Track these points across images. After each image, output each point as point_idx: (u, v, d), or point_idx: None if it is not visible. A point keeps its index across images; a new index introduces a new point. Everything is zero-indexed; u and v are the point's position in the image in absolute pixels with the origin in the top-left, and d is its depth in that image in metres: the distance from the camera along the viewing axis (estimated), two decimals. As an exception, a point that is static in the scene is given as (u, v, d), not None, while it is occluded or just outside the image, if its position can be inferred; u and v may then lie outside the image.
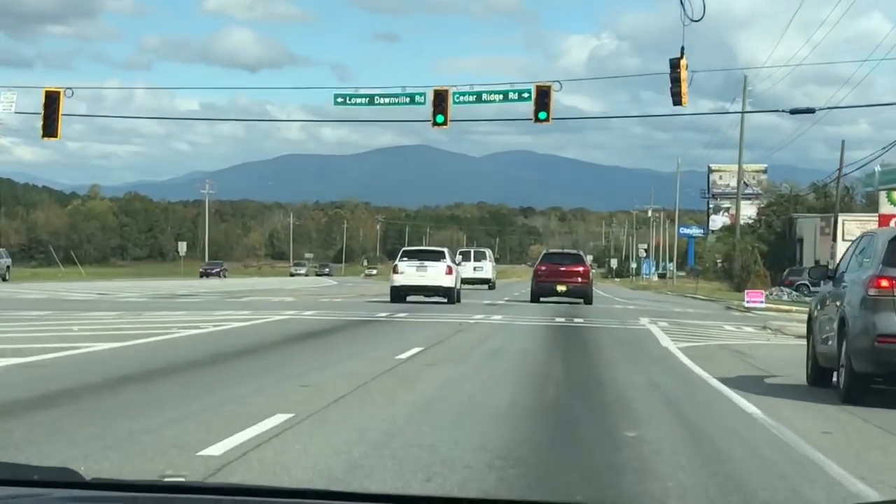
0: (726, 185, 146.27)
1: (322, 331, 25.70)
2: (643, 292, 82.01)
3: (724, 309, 50.37)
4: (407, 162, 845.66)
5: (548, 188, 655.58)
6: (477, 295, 58.50)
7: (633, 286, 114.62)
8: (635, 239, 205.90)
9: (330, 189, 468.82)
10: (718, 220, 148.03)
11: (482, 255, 78.89)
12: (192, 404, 12.80)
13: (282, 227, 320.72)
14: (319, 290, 65.84)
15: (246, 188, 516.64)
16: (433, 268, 46.11)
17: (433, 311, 36.58)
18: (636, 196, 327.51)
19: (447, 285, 45.99)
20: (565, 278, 49.49)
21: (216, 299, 46.85)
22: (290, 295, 53.29)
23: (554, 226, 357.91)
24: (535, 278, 51.33)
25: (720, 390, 15.87)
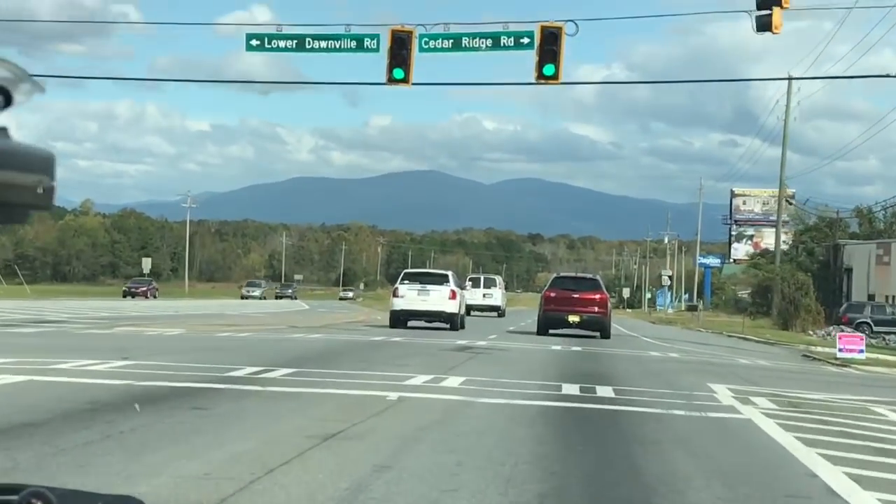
0: (750, 211, 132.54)
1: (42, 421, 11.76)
2: (669, 328, 68.01)
3: (800, 358, 36.44)
4: (417, 187, 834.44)
5: (557, 216, 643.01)
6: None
7: (653, 319, 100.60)
8: (648, 268, 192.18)
9: (339, 212, 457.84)
10: (741, 249, 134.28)
11: (492, 281, 76.25)
12: None
13: (283, 248, 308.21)
14: (251, 318, 51.44)
15: (255, 209, 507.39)
16: (436, 292, 43.16)
17: (341, 367, 21.18)
18: (646, 226, 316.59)
19: (450, 311, 43.08)
20: (579, 307, 41.57)
21: (74, 330, 32.68)
22: (185, 325, 38.80)
23: (562, 253, 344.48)
24: (543, 306, 42.86)
25: None
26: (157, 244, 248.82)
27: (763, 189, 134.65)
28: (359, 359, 22.79)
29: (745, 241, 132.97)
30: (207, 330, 35.21)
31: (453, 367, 21.55)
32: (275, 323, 45.29)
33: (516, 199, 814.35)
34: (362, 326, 44.55)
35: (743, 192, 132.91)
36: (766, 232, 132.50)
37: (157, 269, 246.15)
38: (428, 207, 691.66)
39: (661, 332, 58.27)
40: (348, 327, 42.52)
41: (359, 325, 45.83)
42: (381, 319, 57.35)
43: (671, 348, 36.62)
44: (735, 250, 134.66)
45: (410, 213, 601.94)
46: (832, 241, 79.77)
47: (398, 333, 36.60)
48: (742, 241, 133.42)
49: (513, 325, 54.12)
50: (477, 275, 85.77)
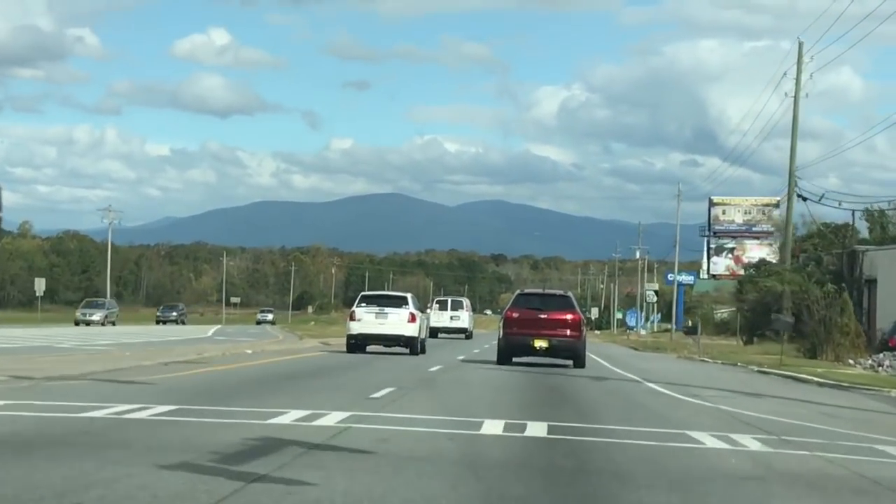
0: (731, 222, 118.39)
1: None
2: (662, 358, 53.22)
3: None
4: (380, 210, 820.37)
5: (520, 238, 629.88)
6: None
7: (632, 343, 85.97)
8: (617, 286, 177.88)
9: (302, 236, 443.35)
10: (721, 263, 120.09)
11: (459, 304, 75.53)
12: None
13: (237, 271, 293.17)
14: (101, 352, 36.40)
15: (217, 234, 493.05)
16: (394, 315, 41.76)
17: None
18: (611, 245, 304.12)
19: (409, 334, 41.71)
20: (547, 330, 35.37)
21: None
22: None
23: (526, 273, 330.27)
24: (504, 329, 36.16)
25: None
26: (100, 268, 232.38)
27: (744, 198, 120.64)
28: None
29: (726, 254, 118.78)
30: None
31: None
32: (119, 362, 29.75)
33: (480, 221, 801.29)
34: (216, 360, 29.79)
35: (722, 200, 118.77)
36: (749, 244, 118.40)
37: (101, 294, 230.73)
38: (391, 230, 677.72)
39: (657, 365, 43.30)
40: (168, 370, 27.17)
41: (216, 359, 32.10)
42: (282, 352, 42.87)
43: (718, 412, 20.95)
44: (714, 265, 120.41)
45: (374, 236, 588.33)
46: (846, 248, 65.07)
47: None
48: (722, 254, 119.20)
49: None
50: (444, 297, 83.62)
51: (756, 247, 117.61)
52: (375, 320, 41.67)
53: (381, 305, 42.48)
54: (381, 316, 41.72)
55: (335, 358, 37.23)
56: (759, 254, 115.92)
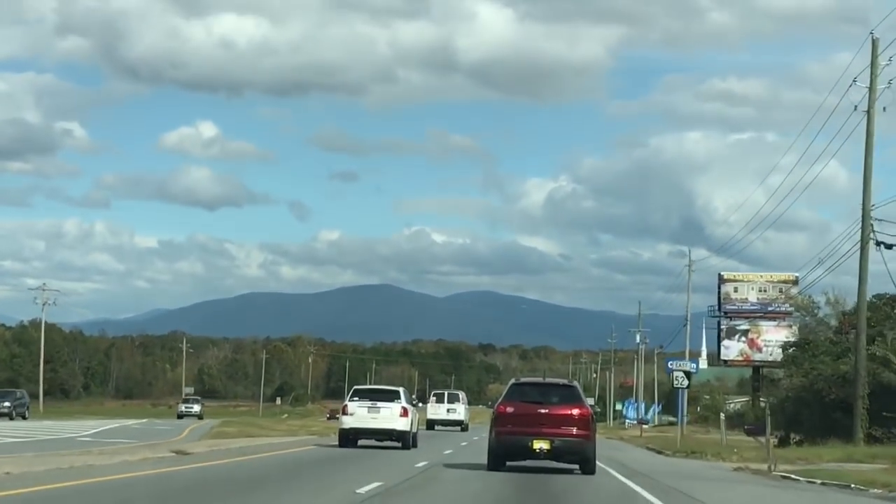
0: (743, 301, 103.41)
1: None
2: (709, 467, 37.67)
3: None
4: (369, 301, 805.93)
5: (510, 328, 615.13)
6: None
7: (645, 441, 70.55)
8: (613, 375, 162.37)
9: (291, 327, 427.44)
10: (734, 348, 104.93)
11: (456, 397, 76.85)
12: None
13: (215, 362, 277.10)
14: None
15: (207, 325, 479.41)
16: (386, 409, 41.47)
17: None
18: (599, 337, 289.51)
19: (401, 428, 41.36)
20: (549, 427, 28.97)
21: None
22: None
23: (515, 363, 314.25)
24: (496, 426, 29.62)
25: None
26: (66, 358, 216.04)
27: (758, 273, 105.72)
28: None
29: (739, 337, 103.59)
30: None
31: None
32: None
33: (469, 312, 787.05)
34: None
35: (733, 276, 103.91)
36: (765, 326, 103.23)
37: (66, 386, 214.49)
38: (381, 321, 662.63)
39: (739, 493, 26.99)
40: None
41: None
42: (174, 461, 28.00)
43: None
44: (726, 349, 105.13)
45: (363, 327, 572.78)
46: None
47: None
48: (734, 337, 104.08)
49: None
50: (441, 391, 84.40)
51: (773, 329, 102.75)
52: (368, 414, 41.52)
53: (373, 399, 42.21)
54: (374, 410, 41.58)
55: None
56: (776, 337, 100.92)
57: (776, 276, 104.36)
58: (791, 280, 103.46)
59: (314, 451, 38.32)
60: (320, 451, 38.16)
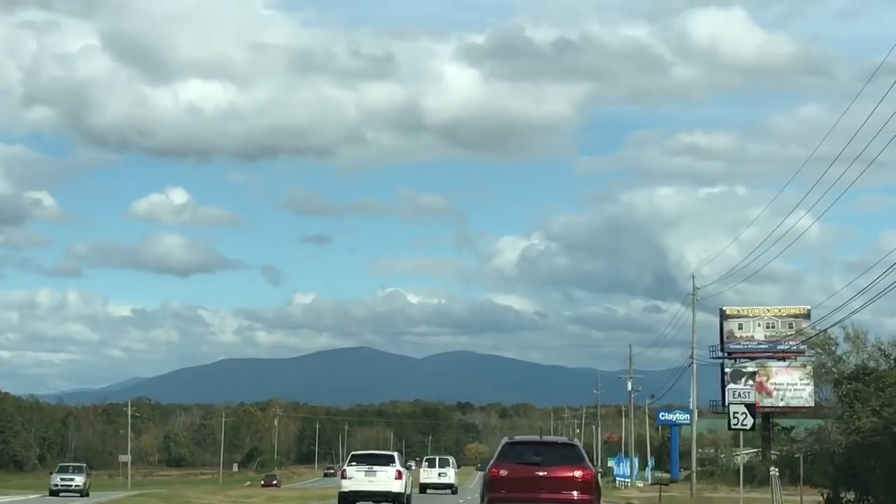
0: (749, 339, 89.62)
1: None
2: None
3: None
4: (347, 364, 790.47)
5: (488, 387, 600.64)
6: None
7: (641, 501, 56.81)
8: (599, 430, 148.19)
9: (268, 392, 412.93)
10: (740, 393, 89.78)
11: (446, 461, 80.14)
12: None
13: (182, 428, 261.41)
14: None
15: (184, 393, 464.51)
16: (382, 472, 43.55)
17: None
18: (580, 394, 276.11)
19: (397, 490, 43.46)
20: (548, 492, 25.90)
21: None
22: None
23: (494, 422, 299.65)
24: (489, 493, 26.47)
25: None
26: (17, 428, 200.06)
27: (764, 308, 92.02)
28: None
29: (745, 380, 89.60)
30: None
31: None
32: None
33: (446, 373, 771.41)
34: None
35: (737, 312, 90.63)
36: (775, 367, 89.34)
37: (20, 458, 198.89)
38: (359, 384, 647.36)
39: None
40: None
41: None
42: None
43: None
44: (731, 394, 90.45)
45: (340, 390, 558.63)
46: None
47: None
48: (740, 380, 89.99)
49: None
50: (433, 455, 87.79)
51: (784, 370, 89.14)
52: (365, 478, 43.23)
53: (369, 464, 44.07)
54: (370, 474, 43.31)
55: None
56: (787, 379, 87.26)
57: (785, 309, 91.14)
58: (802, 313, 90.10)
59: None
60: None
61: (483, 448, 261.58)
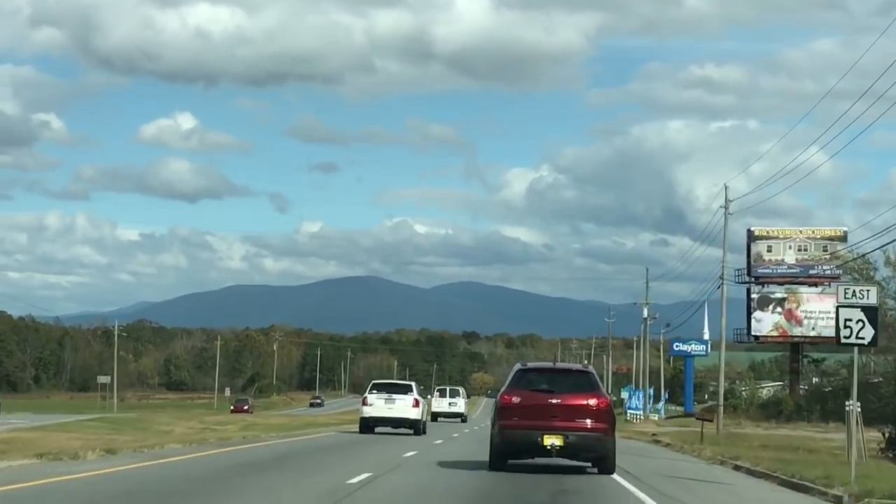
0: (779, 263, 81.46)
1: None
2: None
3: None
4: (355, 293, 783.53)
5: (495, 318, 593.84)
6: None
7: (655, 437, 49.30)
8: (610, 360, 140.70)
9: (277, 319, 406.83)
10: (767, 320, 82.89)
11: (457, 392, 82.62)
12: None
13: (184, 351, 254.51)
14: None
15: (192, 318, 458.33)
16: (401, 400, 46.13)
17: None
18: (587, 327, 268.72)
19: (414, 417, 45.94)
20: (561, 420, 24.93)
21: None
22: None
23: (501, 352, 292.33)
24: (500, 420, 25.42)
25: None
26: (12, 348, 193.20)
27: (797, 229, 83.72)
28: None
29: (774, 307, 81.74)
30: None
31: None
32: None
33: (454, 303, 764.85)
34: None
35: (766, 233, 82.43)
36: (806, 293, 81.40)
37: (14, 378, 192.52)
38: (367, 313, 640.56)
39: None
40: None
41: None
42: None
43: None
44: (757, 322, 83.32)
45: (348, 319, 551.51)
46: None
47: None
48: (768, 308, 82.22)
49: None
50: (443, 386, 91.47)
51: (816, 297, 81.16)
52: (385, 405, 45.78)
53: (389, 392, 46.72)
54: (390, 402, 45.89)
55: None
56: (820, 306, 79.42)
57: (819, 230, 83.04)
58: (838, 236, 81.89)
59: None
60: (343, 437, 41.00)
61: (489, 378, 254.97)
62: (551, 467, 26.11)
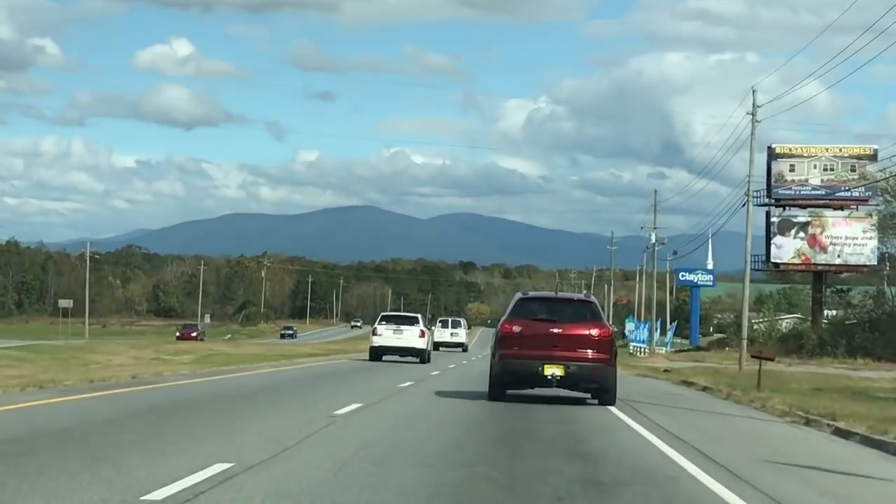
0: (803, 183, 73.24)
1: None
2: None
3: None
4: (352, 222, 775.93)
5: (492, 250, 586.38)
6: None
7: (668, 371, 41.12)
8: (611, 289, 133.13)
9: (274, 248, 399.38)
10: (788, 247, 74.93)
11: (458, 323, 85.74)
12: None
13: (174, 278, 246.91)
14: None
15: (189, 246, 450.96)
16: (408, 331, 48.79)
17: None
18: (584, 259, 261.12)
19: (420, 347, 48.60)
20: (562, 350, 24.10)
21: None
22: None
23: (497, 282, 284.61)
24: (500, 349, 24.60)
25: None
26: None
27: (822, 146, 75.46)
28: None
29: (796, 232, 73.72)
30: None
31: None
32: None
33: (452, 234, 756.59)
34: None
35: (789, 150, 74.29)
36: (832, 217, 73.35)
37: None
38: (363, 243, 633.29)
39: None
40: None
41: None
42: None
43: None
44: (777, 249, 75.26)
45: (346, 248, 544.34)
46: None
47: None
48: (789, 233, 74.20)
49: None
50: (446, 317, 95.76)
51: (842, 221, 73.22)
52: (393, 335, 48.64)
53: (397, 324, 49.84)
54: (398, 332, 48.72)
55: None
56: (846, 231, 71.43)
57: (847, 148, 74.85)
58: (868, 154, 73.66)
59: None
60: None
61: (485, 308, 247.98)
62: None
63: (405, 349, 48.13)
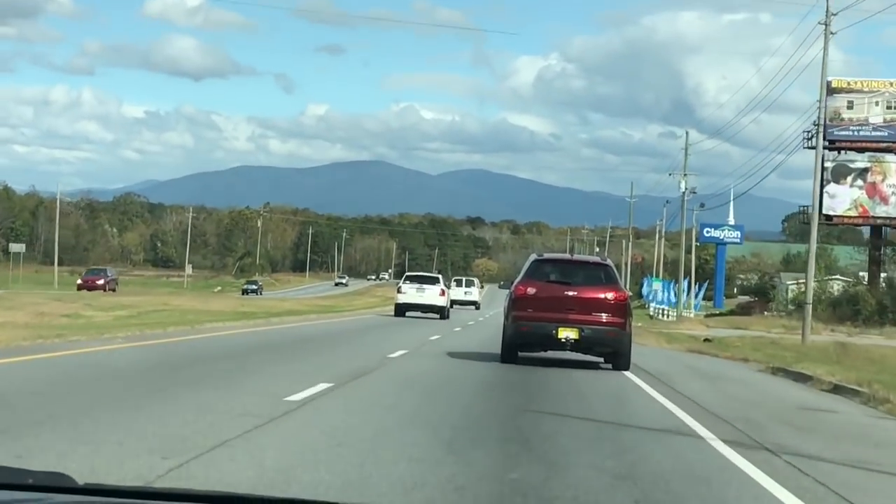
0: (863, 123, 62.29)
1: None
2: None
3: None
4: (362, 177, 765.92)
5: (502, 206, 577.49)
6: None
7: (726, 349, 30.00)
8: (629, 247, 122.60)
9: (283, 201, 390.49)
10: (844, 196, 64.22)
11: (471, 282, 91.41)
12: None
13: (173, 227, 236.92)
14: None
15: (199, 197, 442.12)
16: (430, 290, 52.82)
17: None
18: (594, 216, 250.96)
19: (440, 304, 52.59)
20: (577, 313, 23.62)
21: None
22: None
23: (506, 239, 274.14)
24: (513, 311, 24.09)
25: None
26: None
27: (888, 80, 64.36)
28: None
29: (853, 180, 62.86)
30: None
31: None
32: None
33: (462, 190, 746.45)
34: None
35: (848, 84, 62.83)
36: (895, 163, 62.55)
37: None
38: (372, 197, 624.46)
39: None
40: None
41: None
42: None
43: None
44: (832, 199, 64.58)
45: (355, 202, 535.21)
46: None
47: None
48: (845, 181, 63.37)
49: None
50: (459, 277, 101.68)
51: (894, 171, 62.22)
52: (416, 293, 52.80)
53: (420, 283, 53.90)
54: (420, 291, 52.77)
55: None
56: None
57: (881, 81, 63.54)
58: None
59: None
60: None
61: (492, 264, 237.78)
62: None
63: (427, 306, 52.19)
